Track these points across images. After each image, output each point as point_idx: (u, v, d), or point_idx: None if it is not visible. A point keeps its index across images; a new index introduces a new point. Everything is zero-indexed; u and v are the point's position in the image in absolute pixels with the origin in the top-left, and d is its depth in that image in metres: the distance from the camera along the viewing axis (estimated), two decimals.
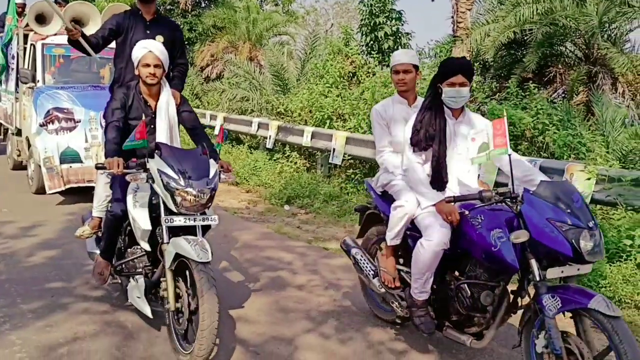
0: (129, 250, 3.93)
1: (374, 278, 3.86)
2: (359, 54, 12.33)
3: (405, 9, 35.81)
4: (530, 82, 11.90)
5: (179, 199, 3.29)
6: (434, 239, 3.25)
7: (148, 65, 3.74)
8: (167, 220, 3.38)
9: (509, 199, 3.01)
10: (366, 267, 3.94)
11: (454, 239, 3.28)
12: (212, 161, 3.55)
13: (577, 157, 6.88)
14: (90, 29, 7.12)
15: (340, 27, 15.81)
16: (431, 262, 3.29)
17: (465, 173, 3.52)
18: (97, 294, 4.45)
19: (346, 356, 3.67)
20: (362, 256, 4.01)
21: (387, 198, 3.78)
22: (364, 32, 13.50)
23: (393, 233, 3.60)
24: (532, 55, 11.06)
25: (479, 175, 3.75)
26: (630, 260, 4.72)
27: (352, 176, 8.85)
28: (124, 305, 4.13)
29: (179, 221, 3.38)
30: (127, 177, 3.43)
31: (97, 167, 3.55)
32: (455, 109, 3.49)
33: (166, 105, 3.91)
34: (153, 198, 3.55)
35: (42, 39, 8.27)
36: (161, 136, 3.83)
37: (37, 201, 7.61)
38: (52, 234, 6.08)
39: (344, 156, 8.81)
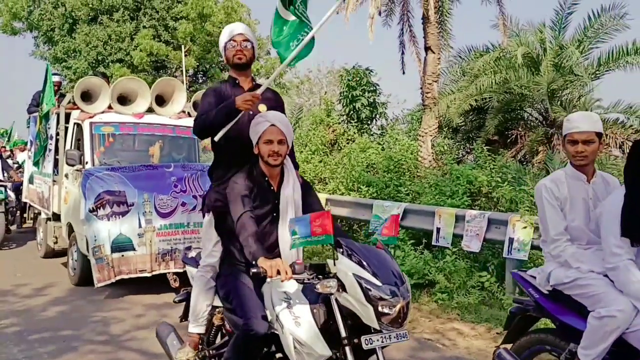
0: None
1: None
2: (339, 123, 13.25)
3: (386, 74, 37.31)
4: (496, 143, 12.88)
5: (383, 312, 2.48)
6: None
7: (271, 142, 3.01)
8: (367, 342, 2.52)
9: None
10: None
11: None
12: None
13: (526, 210, 7.61)
14: (140, 104, 7.57)
15: (323, 99, 16.85)
16: None
17: None
18: (101, 338, 5.16)
19: None
20: None
21: (560, 300, 3.13)
22: (343, 103, 14.46)
23: (595, 352, 2.81)
24: (491, 120, 12.01)
25: None
26: None
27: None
28: (125, 346, 4.75)
29: (377, 341, 2.53)
30: (319, 288, 2.56)
31: (253, 275, 2.62)
32: None
33: (292, 190, 3.13)
34: (314, 310, 2.70)
35: (90, 117, 7.50)
36: (286, 228, 2.96)
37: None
38: (62, 293, 6.71)
39: None
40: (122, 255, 6.33)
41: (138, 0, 21.90)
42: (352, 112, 14.31)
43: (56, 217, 8.12)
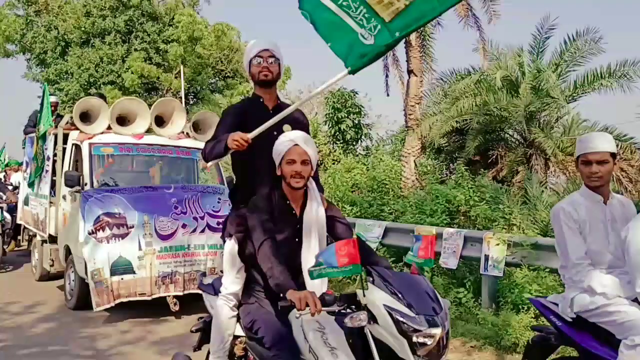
0: None
1: None
2: (325, 144, 13.50)
3: (378, 95, 37.83)
4: (477, 164, 13.15)
5: (419, 344, 2.30)
6: None
7: (293, 162, 2.81)
8: None
9: None
10: None
11: None
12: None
13: (503, 228, 7.84)
14: (139, 125, 7.38)
15: (311, 121, 17.10)
16: None
17: None
18: (88, 353, 5.32)
19: None
20: None
21: (585, 327, 3.00)
22: (329, 125, 14.72)
23: None
24: (472, 141, 12.29)
25: None
26: (530, 311, 5.55)
27: None
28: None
29: None
30: (349, 322, 2.39)
31: (282, 308, 2.48)
32: None
33: (315, 213, 2.92)
34: (350, 340, 2.53)
35: (89, 138, 7.21)
36: (309, 255, 2.82)
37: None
38: (51, 310, 6.82)
39: None
40: (122, 279, 6.13)
41: (130, 24, 22.21)
42: (337, 133, 14.57)
43: (52, 239, 7.90)
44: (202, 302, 6.65)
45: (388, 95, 13.93)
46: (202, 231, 6.43)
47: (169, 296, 6.25)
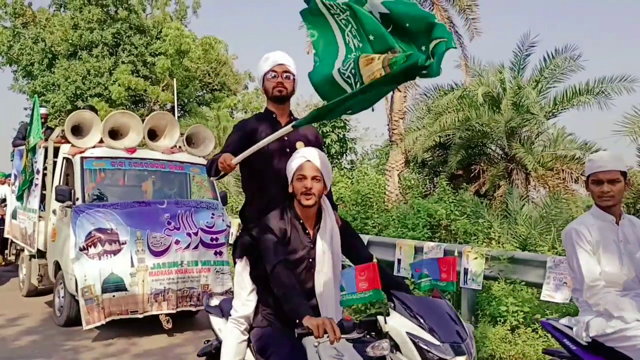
0: None
1: None
2: None
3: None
4: (460, 178, 13.34)
5: None
6: None
7: (304, 178, 2.71)
8: None
9: None
10: None
11: None
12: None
13: (484, 241, 7.99)
14: (132, 139, 7.15)
15: None
16: None
17: None
18: None
19: None
20: None
21: (602, 352, 2.91)
22: None
23: None
24: (454, 156, 12.48)
25: None
26: (506, 323, 5.68)
27: None
28: None
29: None
30: (370, 352, 2.30)
31: (298, 336, 2.33)
32: None
33: (329, 233, 2.81)
34: None
35: (80, 152, 6.99)
36: (323, 277, 2.76)
37: None
38: (35, 323, 6.84)
39: None
40: (113, 296, 5.94)
41: (117, 37, 22.28)
42: (322, 147, 14.61)
43: (41, 254, 7.67)
44: (195, 319, 6.76)
45: (373, 110, 14.03)
46: (196, 247, 6.32)
47: (161, 314, 6.14)
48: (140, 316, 6.02)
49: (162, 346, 5.77)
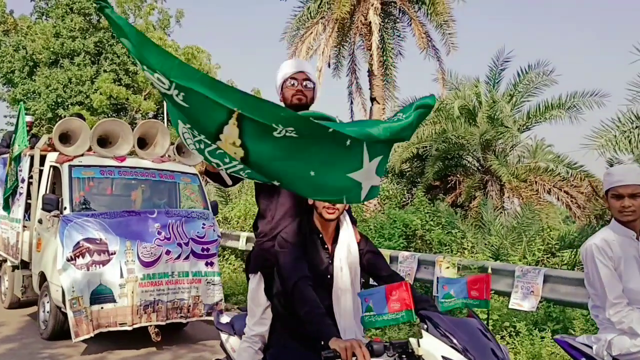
0: None
1: None
2: None
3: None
4: (437, 189, 13.58)
5: None
6: None
7: None
8: None
9: None
10: None
11: None
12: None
13: (458, 251, 8.19)
14: (121, 147, 6.94)
15: None
16: None
17: None
18: None
19: None
20: None
21: None
22: None
23: None
24: (431, 167, 12.73)
25: None
26: None
27: None
28: None
29: None
30: None
31: (327, 359, 2.11)
32: None
33: (347, 248, 2.70)
34: None
35: (68, 160, 6.78)
36: (341, 295, 2.63)
37: None
38: (12, 331, 6.85)
39: None
40: (102, 308, 5.79)
41: (99, 45, 22.25)
42: None
43: (25, 265, 7.46)
44: (183, 331, 6.78)
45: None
46: (187, 258, 6.23)
47: (150, 326, 6.01)
48: (129, 328, 5.88)
49: (141, 354, 5.81)
